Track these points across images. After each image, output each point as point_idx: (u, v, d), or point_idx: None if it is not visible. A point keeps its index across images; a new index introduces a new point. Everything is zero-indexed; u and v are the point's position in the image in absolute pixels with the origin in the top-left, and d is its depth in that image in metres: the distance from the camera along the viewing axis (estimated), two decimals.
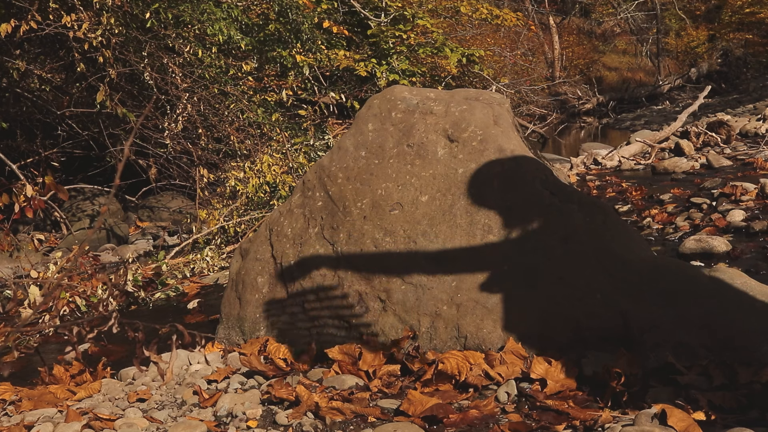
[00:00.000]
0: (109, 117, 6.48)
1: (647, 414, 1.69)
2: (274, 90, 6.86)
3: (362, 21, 9.03)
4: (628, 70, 24.74)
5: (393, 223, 2.40)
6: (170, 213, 7.19)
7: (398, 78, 8.11)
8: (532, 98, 15.50)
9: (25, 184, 4.50)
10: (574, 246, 2.22)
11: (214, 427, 1.90)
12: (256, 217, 5.04)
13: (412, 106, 2.62)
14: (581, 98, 19.59)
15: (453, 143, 2.48)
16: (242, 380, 2.23)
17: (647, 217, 4.36)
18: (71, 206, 6.92)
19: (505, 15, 10.73)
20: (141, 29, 5.84)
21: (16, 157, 6.42)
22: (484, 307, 2.20)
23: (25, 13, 5.27)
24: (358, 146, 2.61)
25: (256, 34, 6.99)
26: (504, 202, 2.33)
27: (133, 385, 2.29)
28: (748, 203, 4.24)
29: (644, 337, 2.02)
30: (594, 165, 7.27)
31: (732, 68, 19.62)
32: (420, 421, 1.83)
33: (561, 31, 23.24)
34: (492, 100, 2.62)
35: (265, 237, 2.65)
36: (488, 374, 2.06)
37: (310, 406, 1.94)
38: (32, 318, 2.95)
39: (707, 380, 1.89)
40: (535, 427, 1.77)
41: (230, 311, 2.64)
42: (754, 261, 3.19)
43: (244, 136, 6.15)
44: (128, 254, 4.34)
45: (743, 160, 6.25)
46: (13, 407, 2.13)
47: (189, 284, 4.01)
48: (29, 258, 4.89)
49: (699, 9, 23.74)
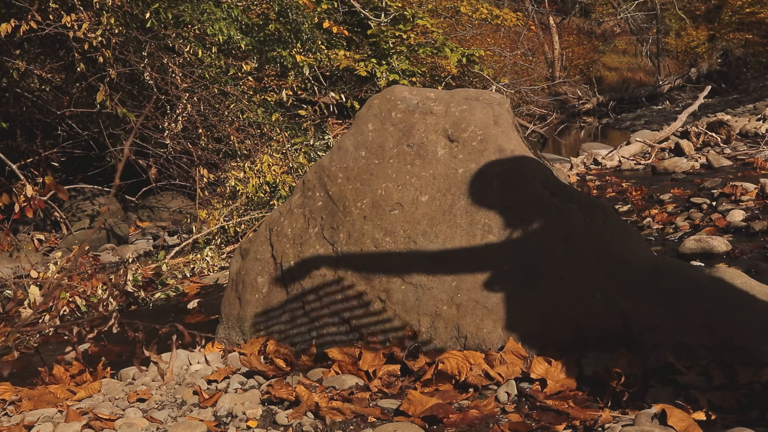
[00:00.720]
0: (109, 117, 6.48)
1: (647, 414, 1.69)
2: (274, 90, 6.86)
3: (362, 21, 9.03)
4: (628, 70, 24.73)
5: (393, 223, 2.40)
6: (170, 213, 7.19)
7: (398, 78, 8.11)
8: (532, 98, 15.50)
9: (25, 184, 4.50)
10: (574, 246, 2.22)
11: (214, 427, 1.90)
12: (256, 217, 5.04)
13: (412, 106, 2.62)
14: (581, 98, 19.58)
15: (453, 143, 2.48)
16: (242, 380, 2.23)
17: (647, 217, 4.35)
18: (71, 206, 6.92)
19: (505, 15, 10.73)
20: (141, 29, 5.85)
21: (16, 157, 6.42)
22: (484, 307, 2.20)
23: (25, 13, 5.27)
24: (358, 146, 2.61)
25: (256, 34, 6.99)
26: (504, 202, 2.33)
27: (133, 385, 2.29)
28: (748, 203, 4.24)
29: (644, 337, 2.02)
30: (594, 165, 7.27)
31: (732, 68, 19.61)
32: (420, 421, 1.83)
33: (561, 31, 23.24)
34: (492, 100, 2.62)
35: (265, 237, 2.65)
36: (488, 374, 2.06)
37: (310, 406, 1.94)
38: (32, 318, 2.95)
39: (707, 380, 1.89)
40: (535, 427, 1.77)
41: (230, 311, 2.64)
42: (754, 261, 3.19)
43: (244, 136, 6.15)
44: (128, 254, 4.34)
45: (743, 160, 6.25)
46: (13, 407, 2.13)
47: (189, 284, 4.02)
48: (29, 258, 4.89)
49: (699, 9, 23.74)
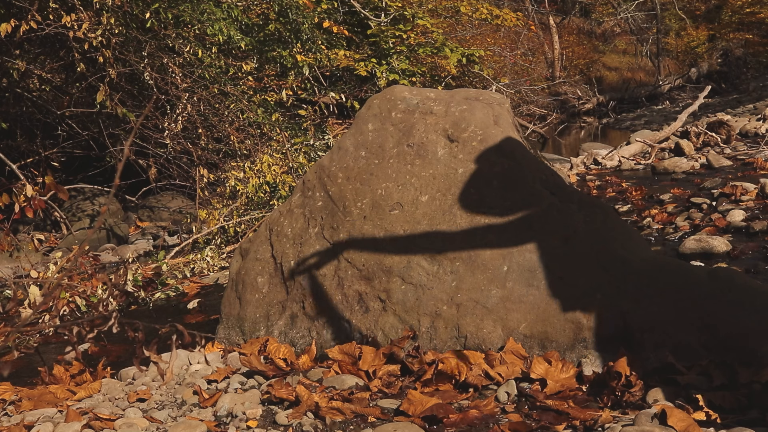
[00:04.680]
0: (109, 117, 6.48)
1: (647, 414, 1.69)
2: (274, 90, 6.85)
3: (362, 21, 9.03)
4: (628, 70, 24.72)
5: (393, 223, 2.40)
6: (170, 213, 7.18)
7: (398, 78, 8.11)
8: (532, 98, 15.49)
9: (25, 184, 4.50)
10: (574, 246, 2.22)
11: (214, 427, 1.90)
12: (256, 217, 5.04)
13: (412, 106, 2.62)
14: (581, 98, 19.57)
15: (453, 143, 2.48)
16: (242, 380, 2.23)
17: (647, 217, 4.35)
18: (71, 206, 6.92)
19: (505, 15, 10.72)
20: (141, 29, 5.84)
21: (16, 157, 6.42)
22: (484, 307, 2.20)
23: (25, 13, 5.27)
24: (358, 146, 2.61)
25: (256, 34, 6.98)
26: (504, 202, 2.33)
27: (133, 385, 2.29)
28: (748, 203, 4.24)
29: (644, 337, 2.03)
30: (594, 165, 7.27)
31: (732, 68, 19.58)
32: (420, 421, 1.83)
33: (561, 31, 23.22)
34: (492, 100, 2.62)
35: (265, 237, 2.65)
36: (488, 374, 2.06)
37: (310, 406, 1.94)
38: (32, 318, 2.95)
39: (707, 380, 1.89)
40: (535, 427, 1.77)
41: (230, 311, 2.64)
42: (754, 261, 3.19)
43: (244, 136, 6.15)
44: (128, 254, 4.34)
45: (743, 160, 6.25)
46: (13, 407, 2.13)
47: (189, 284, 4.01)
48: (29, 258, 4.89)
49: (699, 9, 23.73)
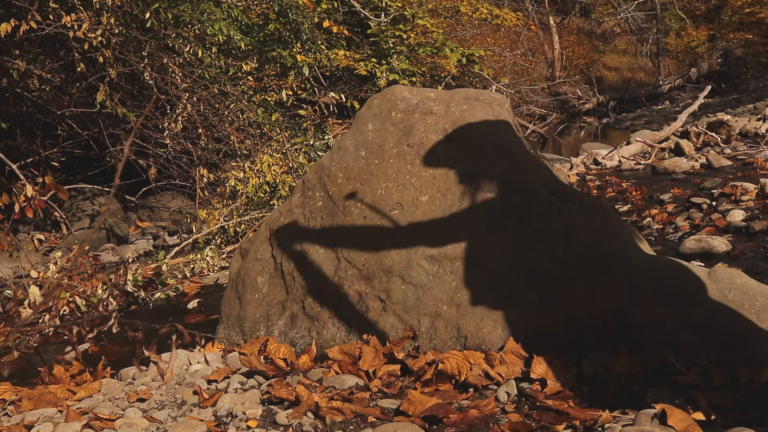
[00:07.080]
0: (109, 117, 6.48)
1: (647, 414, 1.69)
2: (274, 90, 6.85)
3: (362, 21, 9.03)
4: (628, 70, 24.73)
5: (393, 223, 2.40)
6: (170, 213, 7.18)
7: (398, 78, 8.11)
8: (532, 98, 15.50)
9: (25, 184, 4.50)
10: (574, 246, 2.22)
11: (214, 427, 1.90)
12: (256, 217, 5.04)
13: (412, 106, 2.62)
14: (581, 98, 19.57)
15: (453, 143, 2.48)
16: (242, 380, 2.23)
17: (647, 217, 4.36)
18: (71, 206, 6.92)
19: (505, 15, 10.73)
20: (141, 29, 5.84)
21: (16, 157, 6.42)
22: (484, 307, 2.20)
23: (25, 13, 5.27)
24: (358, 146, 2.60)
25: (256, 34, 6.99)
26: (504, 202, 2.33)
27: (133, 385, 2.29)
28: (748, 203, 4.24)
29: (644, 337, 2.02)
30: (594, 165, 7.27)
31: (732, 68, 19.59)
32: (420, 421, 1.83)
33: (561, 31, 23.23)
34: (492, 100, 2.62)
35: (265, 237, 2.65)
36: (488, 374, 2.06)
37: (310, 406, 1.94)
38: (32, 318, 2.95)
39: (707, 380, 1.89)
40: (535, 427, 1.77)
41: (230, 311, 2.64)
42: (754, 261, 3.19)
43: (244, 136, 6.15)
44: (128, 254, 4.35)
45: (743, 160, 6.25)
46: (13, 407, 2.13)
47: (189, 284, 4.01)
48: (29, 258, 4.89)
49: (699, 9, 23.74)
